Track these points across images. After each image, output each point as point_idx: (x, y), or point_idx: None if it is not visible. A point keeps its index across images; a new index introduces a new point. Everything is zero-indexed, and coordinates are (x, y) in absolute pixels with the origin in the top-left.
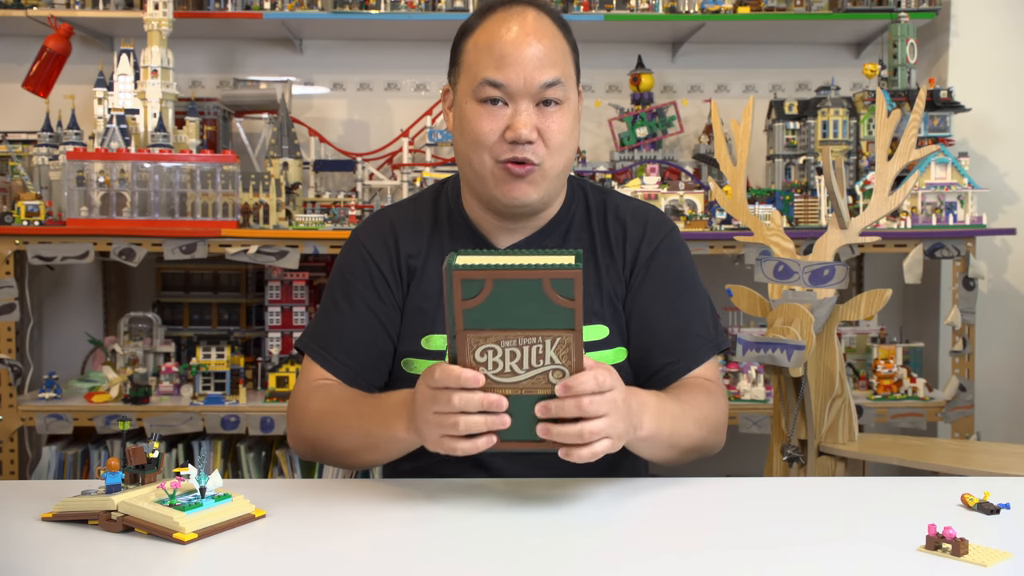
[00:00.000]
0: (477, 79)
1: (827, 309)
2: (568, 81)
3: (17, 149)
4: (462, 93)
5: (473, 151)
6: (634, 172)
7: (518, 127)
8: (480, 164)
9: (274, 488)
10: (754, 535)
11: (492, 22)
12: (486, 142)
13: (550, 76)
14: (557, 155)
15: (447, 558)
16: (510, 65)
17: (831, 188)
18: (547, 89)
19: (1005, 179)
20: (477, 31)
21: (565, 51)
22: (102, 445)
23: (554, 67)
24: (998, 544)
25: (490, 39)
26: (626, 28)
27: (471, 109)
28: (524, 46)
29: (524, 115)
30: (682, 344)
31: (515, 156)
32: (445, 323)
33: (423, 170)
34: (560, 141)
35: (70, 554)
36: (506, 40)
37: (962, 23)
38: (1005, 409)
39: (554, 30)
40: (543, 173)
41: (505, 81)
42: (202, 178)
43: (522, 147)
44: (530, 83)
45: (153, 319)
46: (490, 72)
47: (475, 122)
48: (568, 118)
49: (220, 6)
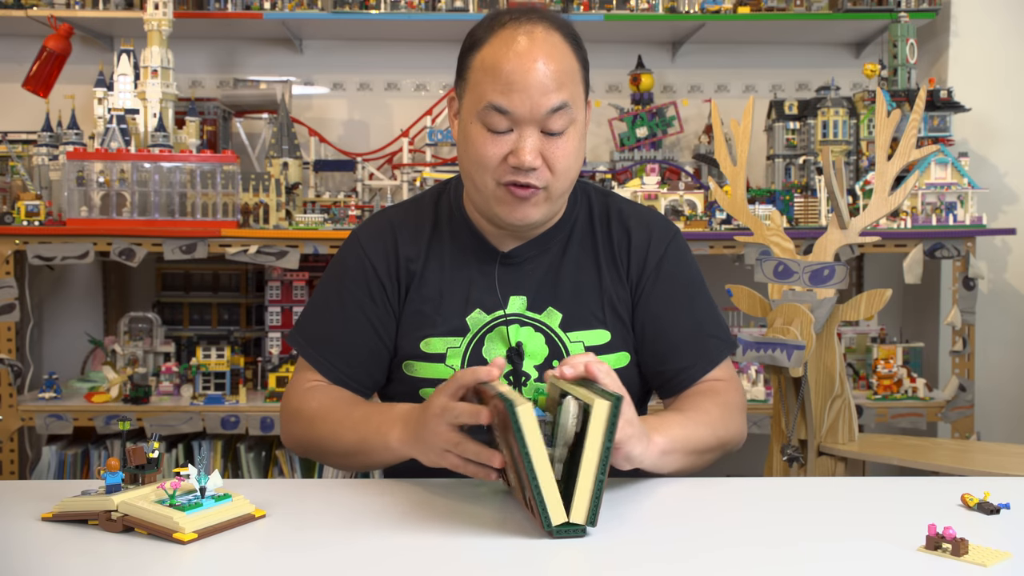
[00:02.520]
0: (483, 102)
1: (827, 309)
2: (576, 101)
3: (17, 149)
4: (467, 110)
5: (476, 171)
6: (634, 172)
7: (522, 155)
8: (483, 184)
9: (274, 488)
10: (754, 535)
11: (500, 39)
12: (489, 165)
13: (556, 101)
14: (562, 178)
15: (447, 558)
16: (516, 91)
17: (831, 188)
18: (553, 115)
19: (1005, 179)
20: (485, 47)
21: (574, 69)
22: (102, 445)
23: (561, 90)
24: (998, 544)
25: (497, 59)
26: (626, 28)
27: (476, 131)
28: (531, 70)
29: (529, 142)
30: (698, 347)
31: (518, 180)
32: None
33: (423, 170)
34: (565, 166)
35: (70, 554)
36: (513, 63)
37: (962, 23)
38: (1005, 409)
39: (563, 47)
40: (547, 195)
41: (511, 108)
42: (202, 178)
43: (525, 173)
44: (536, 110)
45: (153, 319)
46: (496, 97)
47: (479, 145)
48: (574, 141)
49: (220, 6)
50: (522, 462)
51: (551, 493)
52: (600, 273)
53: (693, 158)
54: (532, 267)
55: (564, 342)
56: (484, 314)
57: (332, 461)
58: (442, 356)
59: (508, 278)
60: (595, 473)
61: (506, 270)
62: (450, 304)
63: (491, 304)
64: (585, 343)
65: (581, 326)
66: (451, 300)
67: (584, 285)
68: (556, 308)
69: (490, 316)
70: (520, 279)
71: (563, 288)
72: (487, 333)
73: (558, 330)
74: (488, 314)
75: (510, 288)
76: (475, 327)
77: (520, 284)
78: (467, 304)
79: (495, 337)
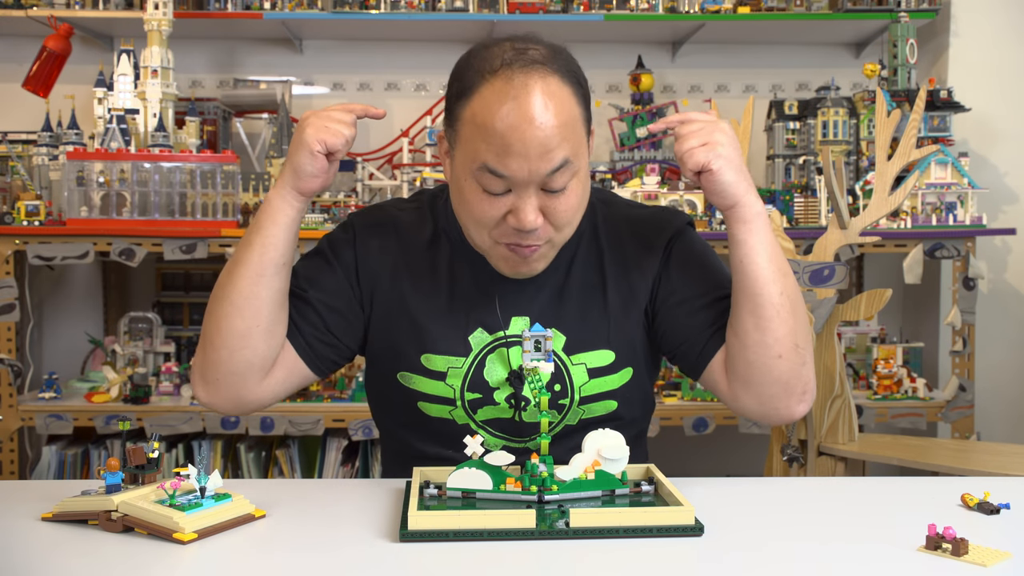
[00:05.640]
0: (476, 162)
1: (827, 309)
2: (578, 151)
3: (17, 149)
4: (460, 164)
5: (473, 228)
6: (634, 172)
7: (523, 220)
8: (481, 240)
9: (274, 488)
10: (754, 535)
11: (492, 91)
12: (487, 225)
13: (558, 160)
14: (566, 230)
15: (447, 558)
16: (513, 156)
17: (831, 188)
18: (554, 175)
19: (1005, 179)
20: (475, 99)
21: (574, 117)
22: (102, 445)
23: (562, 147)
24: (998, 544)
25: (489, 119)
26: (626, 28)
27: (470, 188)
28: (528, 133)
29: (529, 206)
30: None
31: (520, 242)
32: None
33: (423, 170)
34: (568, 219)
35: (70, 554)
36: (508, 125)
37: (962, 23)
38: (1005, 409)
39: (562, 93)
40: (551, 247)
41: (508, 173)
42: (202, 178)
43: (526, 234)
44: (535, 174)
45: (153, 319)
46: (491, 160)
47: (474, 204)
48: (577, 192)
49: (220, 6)
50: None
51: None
52: (606, 291)
53: None
54: (535, 288)
55: (567, 365)
56: (486, 334)
57: (225, 298)
58: (443, 375)
59: (510, 299)
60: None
61: (508, 291)
62: (452, 321)
63: (493, 324)
64: (588, 365)
65: (585, 348)
66: (453, 317)
67: (589, 306)
68: (560, 330)
69: (492, 337)
70: (523, 301)
71: (567, 310)
72: (489, 354)
73: (561, 353)
74: (490, 335)
75: (512, 309)
76: (477, 347)
77: (523, 305)
78: (468, 323)
79: (496, 359)
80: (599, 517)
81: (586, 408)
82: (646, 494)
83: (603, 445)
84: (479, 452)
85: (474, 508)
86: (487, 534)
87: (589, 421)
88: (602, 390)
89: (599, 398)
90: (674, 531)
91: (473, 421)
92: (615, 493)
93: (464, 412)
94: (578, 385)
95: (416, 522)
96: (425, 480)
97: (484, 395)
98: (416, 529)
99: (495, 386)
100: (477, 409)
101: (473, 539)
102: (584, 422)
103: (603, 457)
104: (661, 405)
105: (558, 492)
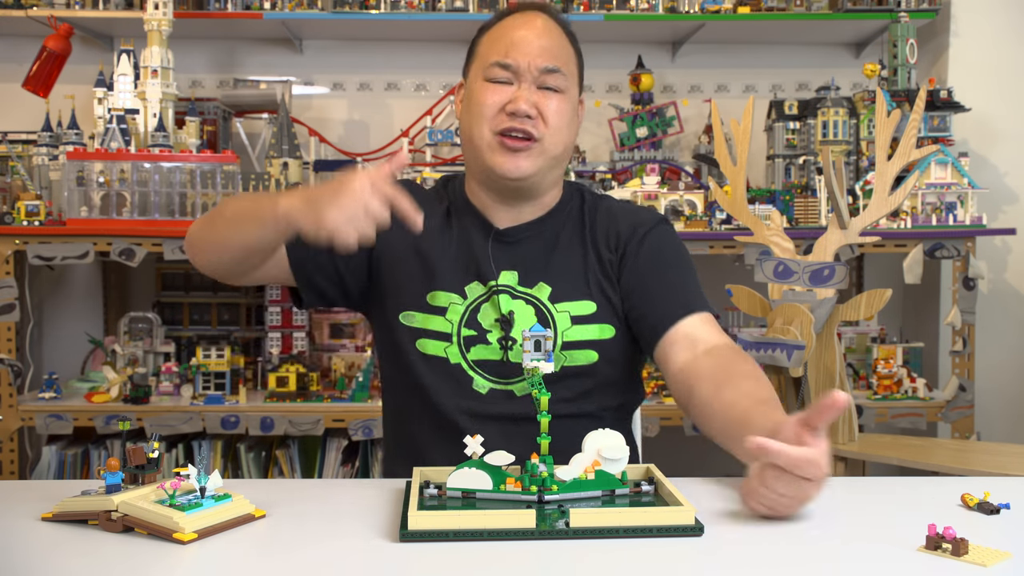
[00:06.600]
0: (487, 62)
1: (827, 309)
2: (569, 77)
3: (17, 149)
4: (473, 77)
5: (475, 123)
6: (634, 172)
7: (518, 100)
8: (480, 137)
9: (274, 488)
10: (754, 535)
11: (506, 22)
12: (488, 114)
13: (552, 63)
14: (555, 135)
15: (447, 558)
16: (516, 48)
17: (831, 188)
18: (548, 74)
19: (1005, 179)
20: (492, 29)
21: (569, 54)
22: (102, 445)
23: (557, 59)
24: (998, 544)
25: (503, 32)
26: (626, 28)
27: (479, 86)
28: (532, 38)
29: (525, 91)
30: (677, 297)
31: (513, 127)
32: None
33: (423, 170)
34: (558, 123)
35: (70, 554)
36: (517, 32)
37: (962, 23)
38: (1005, 409)
39: (561, 36)
40: (541, 149)
41: (511, 62)
42: (202, 178)
43: (521, 119)
44: (533, 66)
45: (153, 319)
46: (499, 56)
47: (480, 96)
48: (567, 106)
49: (220, 6)
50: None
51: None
52: (585, 252)
53: (693, 158)
54: (525, 246)
55: (552, 312)
56: (480, 285)
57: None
58: (444, 309)
59: (502, 254)
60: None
61: (501, 247)
62: (454, 271)
63: (487, 276)
64: (571, 313)
65: (568, 298)
66: (456, 268)
67: (572, 264)
68: (546, 282)
69: (485, 287)
70: (513, 256)
71: (553, 265)
72: (483, 303)
73: (547, 301)
74: (484, 285)
75: (503, 263)
76: (472, 296)
77: (513, 260)
78: (466, 274)
79: (489, 307)
80: (599, 517)
81: (568, 355)
82: (646, 494)
83: (603, 445)
84: (479, 452)
85: (474, 508)
86: (487, 534)
87: (571, 370)
88: (584, 338)
89: (581, 346)
90: (674, 531)
91: (465, 360)
92: (615, 493)
93: (458, 350)
94: (561, 330)
95: (416, 522)
96: (425, 480)
97: (478, 333)
98: (416, 529)
99: (488, 328)
100: (471, 347)
101: (473, 539)
102: (566, 370)
103: (603, 457)
104: (661, 405)
105: (558, 492)
